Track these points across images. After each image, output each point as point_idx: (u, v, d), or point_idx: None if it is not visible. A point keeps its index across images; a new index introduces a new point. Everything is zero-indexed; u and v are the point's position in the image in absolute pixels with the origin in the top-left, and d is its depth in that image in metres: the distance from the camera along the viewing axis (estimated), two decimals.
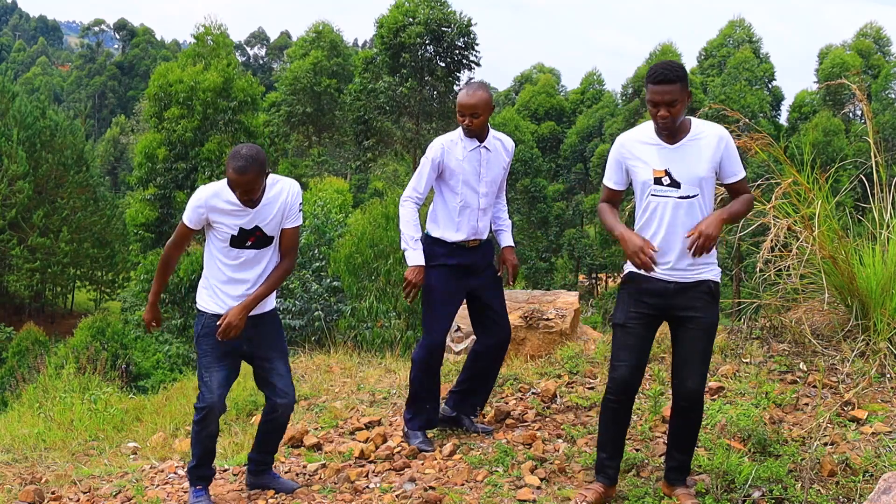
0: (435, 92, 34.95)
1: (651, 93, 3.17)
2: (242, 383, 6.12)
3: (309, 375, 6.35)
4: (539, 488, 3.66)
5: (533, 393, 4.92)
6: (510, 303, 5.68)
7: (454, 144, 4.14)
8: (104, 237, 38.47)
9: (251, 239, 3.54)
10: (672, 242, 3.24)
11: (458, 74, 34.97)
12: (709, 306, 3.27)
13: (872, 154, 5.02)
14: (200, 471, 3.77)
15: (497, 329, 4.27)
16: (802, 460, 3.60)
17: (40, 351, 16.05)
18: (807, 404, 4.29)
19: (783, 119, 47.53)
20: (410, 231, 4.12)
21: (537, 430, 4.36)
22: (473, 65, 34.95)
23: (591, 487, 3.47)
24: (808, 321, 4.95)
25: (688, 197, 3.21)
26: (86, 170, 39.32)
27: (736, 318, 5.79)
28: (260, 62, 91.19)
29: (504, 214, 4.45)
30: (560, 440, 4.24)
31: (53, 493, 4.20)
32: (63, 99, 77.64)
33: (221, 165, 28.36)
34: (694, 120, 3.30)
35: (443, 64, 34.67)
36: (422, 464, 4.06)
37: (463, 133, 4.13)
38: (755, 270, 4.87)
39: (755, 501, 3.36)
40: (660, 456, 3.88)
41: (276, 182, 3.58)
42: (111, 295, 40.19)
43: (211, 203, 3.50)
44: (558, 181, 50.04)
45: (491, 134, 4.19)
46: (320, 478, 4.07)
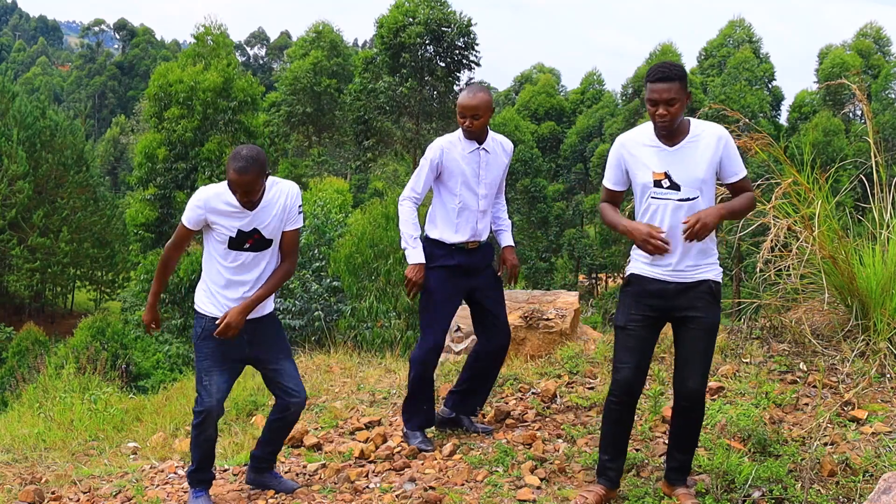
0: (435, 92, 34.94)
1: (650, 91, 3.17)
2: (242, 383, 6.13)
3: (309, 375, 6.34)
4: (539, 488, 3.66)
5: (533, 393, 4.92)
6: (510, 303, 5.68)
7: (454, 146, 4.13)
8: (104, 237, 38.49)
9: (249, 241, 3.54)
10: (673, 245, 3.23)
11: (458, 74, 34.97)
12: (710, 306, 3.27)
13: (872, 154, 5.02)
14: (200, 474, 3.77)
15: (496, 332, 4.27)
16: (802, 460, 3.60)
17: (40, 351, 16.06)
18: (807, 404, 4.29)
19: (783, 119, 47.57)
20: (410, 230, 4.12)
21: (537, 430, 4.36)
22: (473, 65, 34.96)
23: (592, 489, 3.47)
24: (808, 321, 4.95)
25: (688, 199, 3.21)
26: (86, 170, 39.34)
27: (736, 318, 5.79)
28: (260, 62, 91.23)
29: (504, 214, 4.46)
30: (560, 440, 4.24)
31: (53, 493, 4.20)
32: (63, 99, 77.66)
33: (221, 165, 28.38)
34: (693, 121, 3.29)
35: (443, 64, 34.66)
36: (422, 464, 4.06)
37: (463, 134, 4.13)
38: (755, 270, 4.87)
39: (755, 501, 3.36)
40: (660, 456, 3.88)
41: (275, 184, 3.58)
42: (111, 295, 40.22)
43: (210, 204, 3.51)
44: (558, 181, 50.04)
45: (490, 136, 4.19)
46: (320, 478, 4.07)
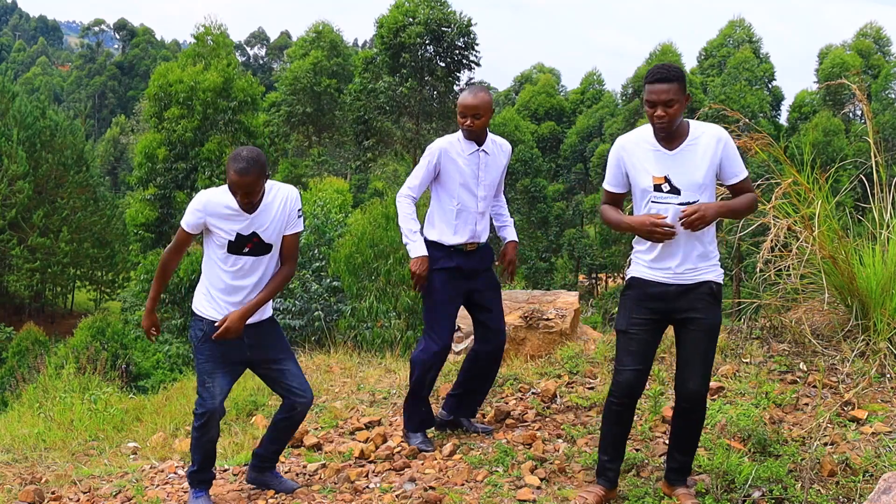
0: (435, 92, 34.94)
1: (648, 93, 3.17)
2: (242, 383, 6.13)
3: (309, 375, 6.33)
4: (539, 488, 3.66)
5: (533, 393, 4.92)
6: (510, 303, 5.68)
7: (453, 147, 4.14)
8: (104, 237, 38.49)
9: (248, 245, 3.54)
10: (674, 248, 3.24)
11: (458, 74, 34.97)
12: (710, 308, 3.27)
13: (872, 154, 5.02)
14: (201, 475, 3.78)
15: (492, 335, 4.28)
16: (802, 460, 3.60)
17: (40, 351, 16.05)
18: (807, 404, 4.29)
19: (783, 119, 47.59)
20: (409, 224, 4.13)
21: (537, 430, 4.36)
22: (473, 65, 34.95)
23: (592, 490, 3.47)
24: (808, 321, 4.95)
25: (688, 203, 3.20)
26: (86, 170, 39.34)
27: (736, 319, 5.79)
28: (260, 62, 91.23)
29: (505, 212, 4.48)
30: (560, 440, 4.24)
31: (53, 493, 4.20)
32: (63, 99, 77.67)
33: (221, 165, 28.39)
34: (693, 122, 3.29)
35: (443, 64, 34.66)
36: (422, 464, 4.06)
37: (463, 135, 4.13)
38: (755, 270, 4.87)
39: (755, 501, 3.36)
40: (660, 456, 3.88)
41: (274, 188, 3.58)
42: (111, 295, 40.22)
43: (210, 207, 3.51)
44: (558, 181, 50.05)
45: (489, 137, 4.19)
46: (320, 478, 4.07)
